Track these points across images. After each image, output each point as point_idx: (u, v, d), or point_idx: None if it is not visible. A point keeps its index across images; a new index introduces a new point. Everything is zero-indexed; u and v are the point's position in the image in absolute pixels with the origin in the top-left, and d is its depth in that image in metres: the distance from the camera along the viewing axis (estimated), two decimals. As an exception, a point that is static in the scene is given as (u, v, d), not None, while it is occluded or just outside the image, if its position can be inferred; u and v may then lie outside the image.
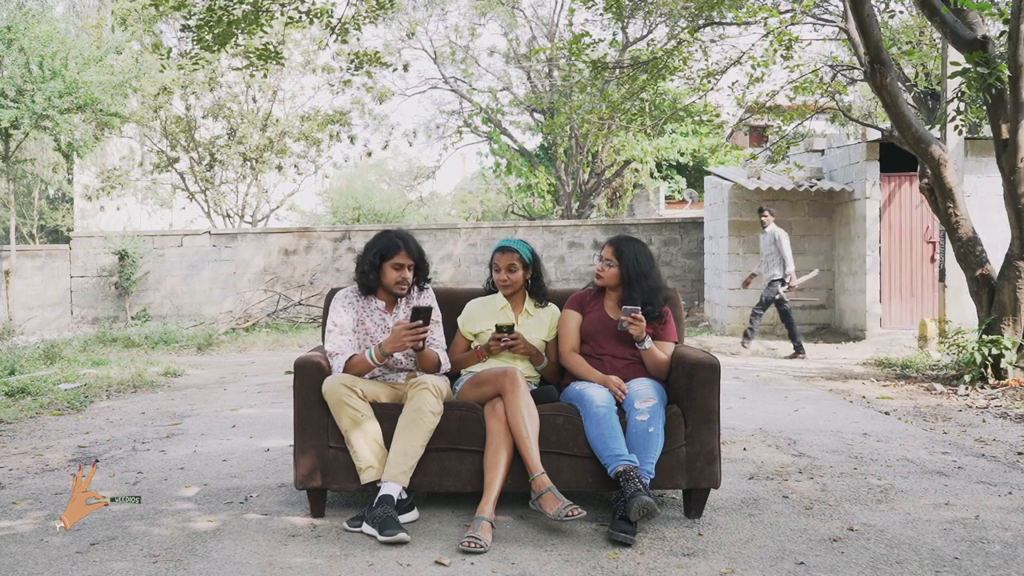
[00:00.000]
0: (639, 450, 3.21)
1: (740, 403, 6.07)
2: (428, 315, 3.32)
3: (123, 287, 13.70)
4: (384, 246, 3.54)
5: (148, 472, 4.11)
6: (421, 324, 3.30)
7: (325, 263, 14.26)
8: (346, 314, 3.56)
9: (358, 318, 3.57)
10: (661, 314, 3.59)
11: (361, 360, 3.40)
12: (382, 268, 3.54)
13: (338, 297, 3.62)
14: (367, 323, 3.57)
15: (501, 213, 24.55)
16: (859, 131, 12.34)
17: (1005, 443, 4.73)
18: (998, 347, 6.61)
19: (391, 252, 3.52)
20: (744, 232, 11.31)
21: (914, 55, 11.27)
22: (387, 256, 3.53)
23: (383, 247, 3.54)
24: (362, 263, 3.59)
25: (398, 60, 17.93)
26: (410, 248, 3.55)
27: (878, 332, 10.18)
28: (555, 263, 14.03)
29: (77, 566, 2.82)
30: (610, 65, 11.09)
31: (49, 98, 11.22)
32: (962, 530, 3.17)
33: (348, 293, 3.63)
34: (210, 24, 9.15)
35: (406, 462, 3.18)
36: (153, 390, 6.99)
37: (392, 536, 2.98)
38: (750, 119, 12.36)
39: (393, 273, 3.53)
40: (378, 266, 3.54)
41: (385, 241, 3.55)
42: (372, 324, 3.57)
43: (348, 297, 3.61)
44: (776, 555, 2.92)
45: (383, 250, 3.53)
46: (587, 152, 18.31)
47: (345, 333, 3.52)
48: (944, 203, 7.13)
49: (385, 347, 3.35)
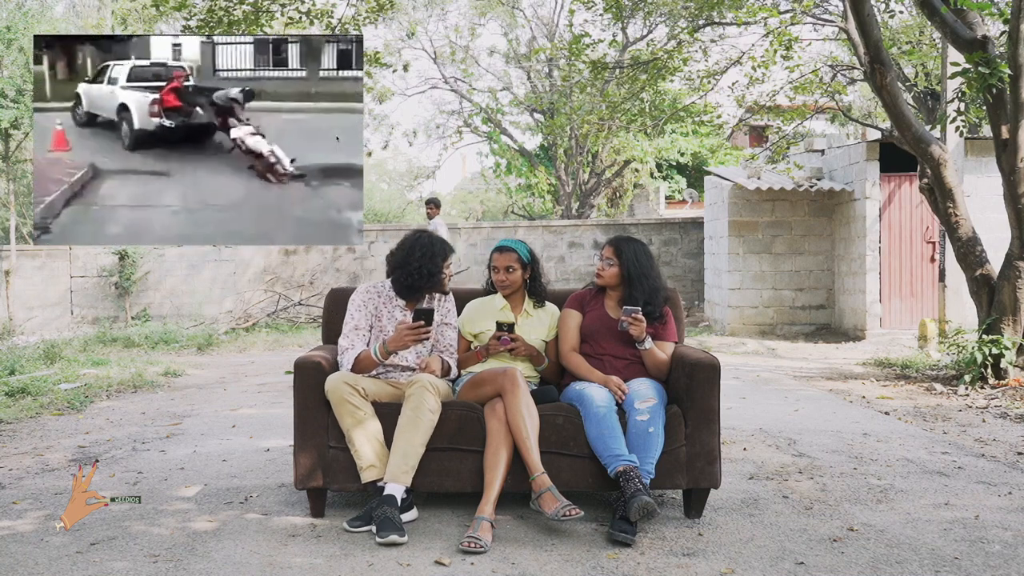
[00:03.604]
0: (639, 450, 3.21)
1: (740, 403, 6.07)
2: (430, 317, 3.34)
3: (123, 287, 13.70)
4: (441, 251, 3.58)
5: (148, 472, 4.11)
6: (423, 325, 3.32)
7: (325, 263, 14.25)
8: (364, 310, 3.57)
9: (375, 314, 3.58)
10: (661, 314, 3.60)
11: (367, 356, 3.43)
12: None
13: (359, 292, 3.62)
14: (384, 319, 3.57)
15: (501, 213, 24.55)
16: (859, 131, 12.35)
17: (1005, 443, 4.73)
18: (998, 347, 6.61)
19: (447, 254, 3.60)
20: (744, 232, 11.31)
21: (914, 55, 11.28)
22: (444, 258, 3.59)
23: (441, 251, 3.57)
24: (414, 267, 3.52)
25: (398, 60, 17.92)
26: (446, 254, 3.61)
27: (878, 332, 10.18)
28: (555, 263, 14.03)
29: (77, 566, 2.82)
30: (610, 65, 11.09)
31: (49, 98, 11.21)
32: (962, 530, 3.17)
33: (369, 288, 3.63)
34: (210, 24, 9.15)
35: (407, 462, 3.18)
36: (153, 390, 6.99)
37: (385, 538, 2.99)
38: (750, 119, 12.35)
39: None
40: (436, 271, 3.54)
41: (441, 246, 3.59)
42: (388, 321, 3.57)
43: (369, 292, 3.61)
44: (776, 555, 2.92)
45: (442, 253, 3.57)
46: (587, 152, 18.31)
47: (360, 329, 3.54)
48: (944, 203, 7.13)
49: (388, 345, 3.38)
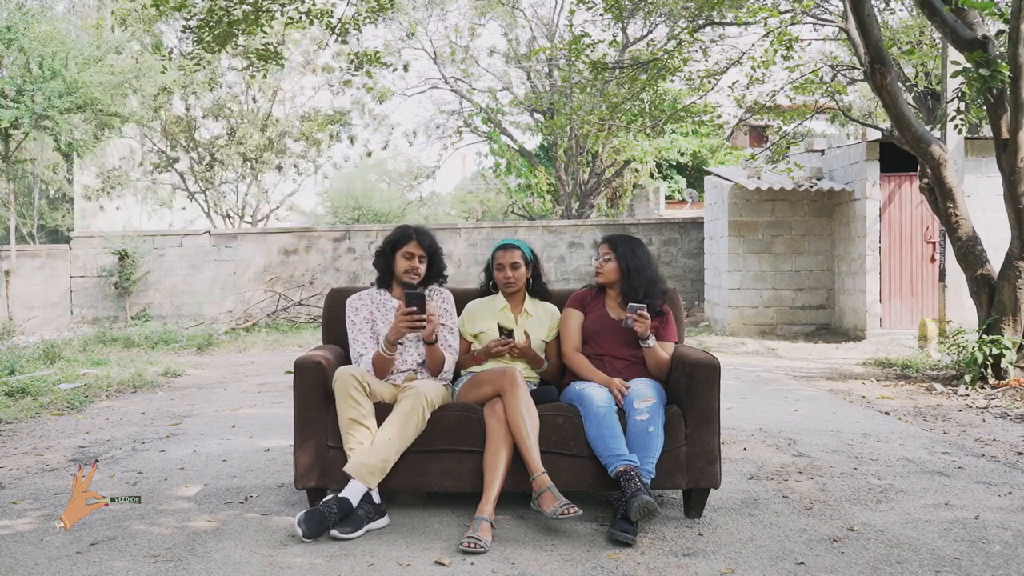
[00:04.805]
0: (639, 450, 3.21)
1: (740, 403, 6.07)
2: (421, 301, 3.33)
3: (123, 287, 13.70)
4: (397, 235, 3.64)
5: (148, 472, 4.11)
6: (415, 311, 3.31)
7: (325, 263, 14.25)
8: (359, 315, 3.61)
9: (370, 318, 3.60)
10: (661, 310, 3.60)
11: (378, 356, 3.45)
12: (394, 258, 3.61)
13: (349, 302, 3.66)
14: (378, 323, 3.58)
15: (501, 213, 24.55)
16: (859, 131, 12.34)
17: (1005, 443, 4.73)
18: (998, 347, 6.61)
19: (402, 241, 3.60)
20: (745, 232, 11.31)
21: (914, 55, 11.28)
22: (399, 245, 3.61)
23: (396, 236, 3.64)
24: (378, 254, 3.68)
25: (398, 60, 17.94)
26: (422, 239, 3.61)
27: (878, 332, 10.18)
28: (555, 263, 14.03)
29: (77, 566, 2.82)
30: (610, 65, 11.08)
31: (49, 98, 11.22)
32: (962, 530, 3.17)
33: (358, 296, 3.69)
34: (210, 25, 9.15)
35: (378, 463, 3.16)
36: (153, 390, 6.99)
37: (299, 531, 3.00)
38: (750, 119, 12.34)
39: (403, 262, 3.59)
40: (390, 255, 3.61)
41: (399, 231, 3.65)
42: (383, 323, 3.58)
43: (362, 299, 3.66)
44: (776, 555, 2.92)
45: (395, 239, 3.63)
46: (587, 152, 18.31)
47: (364, 333, 3.57)
48: (944, 203, 7.13)
49: (389, 336, 3.39)
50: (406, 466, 3.26)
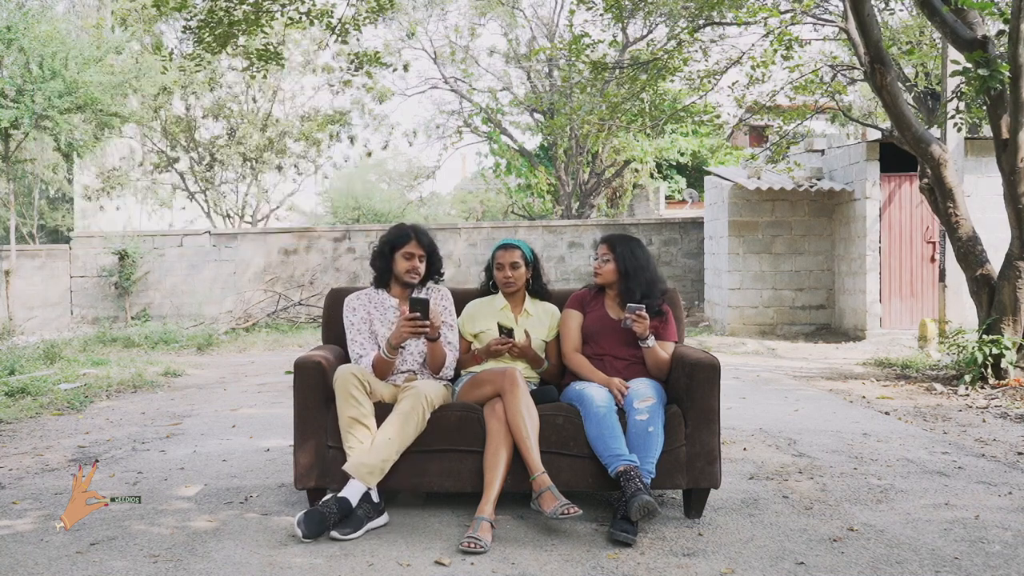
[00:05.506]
0: (639, 450, 3.21)
1: (740, 403, 6.07)
2: (425, 307, 3.31)
3: (123, 287, 13.70)
4: (395, 235, 3.61)
5: (148, 472, 4.11)
6: (419, 316, 3.30)
7: (325, 263, 14.25)
8: (357, 315, 3.60)
9: (368, 318, 3.59)
10: (661, 310, 3.60)
11: (379, 359, 3.44)
12: (393, 258, 3.59)
13: (347, 302, 3.65)
14: (376, 322, 3.58)
15: (501, 213, 24.55)
16: (859, 131, 12.34)
17: (1005, 443, 4.73)
18: (998, 347, 6.61)
19: (402, 241, 3.59)
20: (744, 232, 11.31)
21: (914, 55, 11.27)
22: (398, 245, 3.59)
23: (394, 236, 3.61)
24: (375, 254, 3.65)
25: (398, 60, 17.94)
26: (421, 239, 3.60)
27: (878, 332, 10.18)
28: (555, 263, 14.03)
29: (77, 566, 2.82)
30: (610, 65, 11.08)
31: (49, 98, 11.22)
32: (962, 530, 3.17)
33: (356, 296, 3.67)
34: (211, 25, 9.15)
35: (378, 463, 3.16)
36: (153, 390, 6.99)
37: (298, 531, 3.01)
38: (750, 119, 12.34)
39: (403, 263, 3.58)
40: (389, 255, 3.59)
41: (397, 231, 3.63)
42: (380, 323, 3.57)
43: (360, 299, 3.65)
44: (776, 555, 2.92)
45: (394, 239, 3.60)
46: (587, 152, 18.31)
47: (363, 333, 3.56)
48: (944, 203, 7.13)
49: (391, 340, 3.38)
50: (406, 466, 3.26)
